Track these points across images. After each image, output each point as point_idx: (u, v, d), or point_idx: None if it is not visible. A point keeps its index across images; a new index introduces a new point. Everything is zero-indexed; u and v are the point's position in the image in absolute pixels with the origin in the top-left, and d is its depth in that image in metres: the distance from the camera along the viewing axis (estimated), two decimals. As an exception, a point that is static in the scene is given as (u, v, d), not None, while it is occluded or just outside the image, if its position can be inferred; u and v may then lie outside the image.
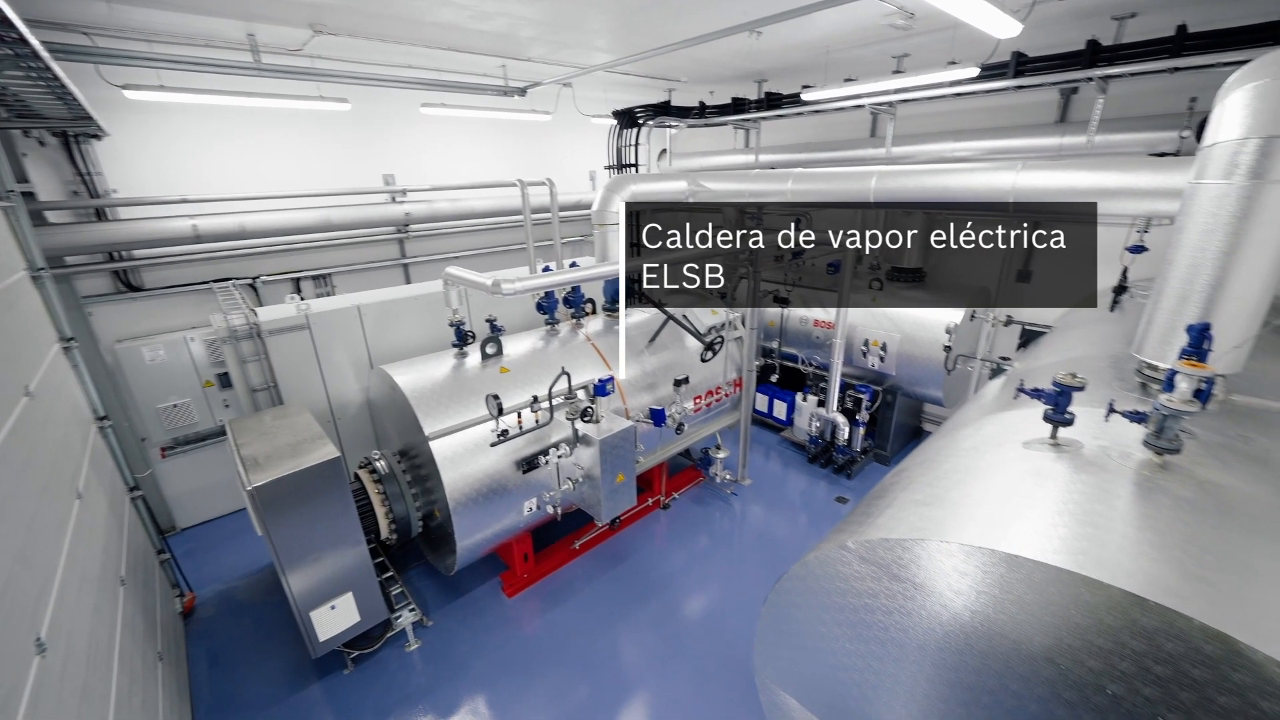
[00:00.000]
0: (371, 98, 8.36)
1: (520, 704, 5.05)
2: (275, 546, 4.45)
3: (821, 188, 5.99)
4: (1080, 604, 1.93)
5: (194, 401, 7.28)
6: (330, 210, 8.11)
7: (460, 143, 10.06)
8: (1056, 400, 2.74)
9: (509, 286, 4.82)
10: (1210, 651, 1.71)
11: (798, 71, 8.80)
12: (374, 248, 9.37)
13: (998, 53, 5.93)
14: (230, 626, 6.02)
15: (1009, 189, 4.47)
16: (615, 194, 6.68)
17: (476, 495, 5.26)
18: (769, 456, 9.26)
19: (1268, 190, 2.79)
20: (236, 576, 6.75)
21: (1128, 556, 2.00)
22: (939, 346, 7.51)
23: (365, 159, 8.98)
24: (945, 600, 2.30)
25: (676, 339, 7.26)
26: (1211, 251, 2.95)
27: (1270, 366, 4.11)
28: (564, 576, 6.58)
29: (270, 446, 4.77)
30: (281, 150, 8.17)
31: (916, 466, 3.33)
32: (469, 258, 10.38)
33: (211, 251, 7.61)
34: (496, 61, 7.82)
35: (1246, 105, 2.79)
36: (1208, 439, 2.82)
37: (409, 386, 5.33)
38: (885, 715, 2.71)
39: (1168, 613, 1.78)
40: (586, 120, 10.22)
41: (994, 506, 2.45)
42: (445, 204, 9.23)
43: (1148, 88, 6.41)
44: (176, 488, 7.51)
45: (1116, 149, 6.40)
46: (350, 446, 6.83)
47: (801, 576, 2.93)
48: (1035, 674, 2.08)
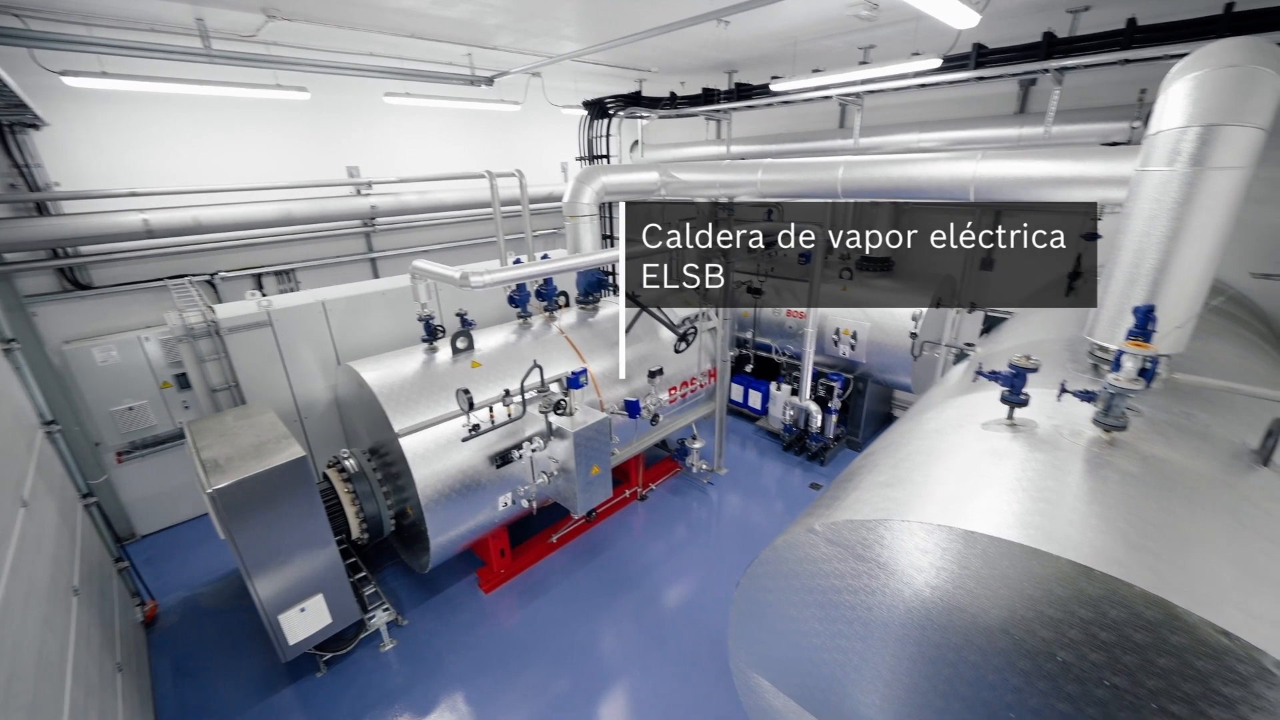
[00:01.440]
0: (332, 87, 8.10)
1: (500, 699, 5.03)
2: (240, 550, 4.33)
3: (790, 178, 6.04)
4: (1031, 576, 2.00)
5: (151, 404, 7.00)
6: (292, 204, 7.85)
7: (428, 134, 9.83)
8: (1012, 382, 2.83)
9: (478, 279, 4.75)
10: (1150, 616, 1.79)
11: (767, 62, 8.84)
12: (340, 242, 9.12)
13: (959, 44, 6.05)
14: (196, 634, 5.84)
15: (970, 178, 4.57)
16: (586, 185, 6.62)
17: (449, 492, 5.19)
18: (745, 446, 9.37)
19: (1207, 176, 2.91)
20: (202, 582, 6.54)
21: (1076, 529, 2.08)
22: (907, 334, 7.68)
23: (328, 150, 8.71)
24: (907, 578, 2.37)
25: (651, 331, 7.27)
26: (1156, 236, 3.07)
27: (1211, 346, 4.33)
28: (542, 571, 6.57)
29: (232, 448, 4.62)
30: (238, 141, 7.87)
31: (882, 450, 3.40)
32: (439, 251, 10.18)
33: (166, 247, 7.29)
34: (462, 50, 7.63)
35: (1187, 95, 2.90)
36: (1153, 416, 2.95)
37: (377, 383, 5.22)
38: (855, 693, 2.78)
39: (1112, 581, 1.86)
40: (557, 111, 10.09)
41: (953, 485, 2.53)
42: (413, 197, 9.02)
43: (1101, 80, 6.63)
44: (135, 493, 7.23)
45: (1072, 139, 6.60)
46: (319, 446, 6.66)
47: (771, 561, 2.98)
48: (992, 645, 2.15)
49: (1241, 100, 2.81)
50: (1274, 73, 2.82)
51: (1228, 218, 2.97)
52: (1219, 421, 3.01)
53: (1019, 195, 4.38)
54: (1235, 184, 2.90)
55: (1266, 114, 2.82)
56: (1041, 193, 4.26)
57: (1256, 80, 2.80)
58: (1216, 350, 4.32)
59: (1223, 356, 4.24)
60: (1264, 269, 6.21)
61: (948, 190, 4.76)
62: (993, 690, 2.20)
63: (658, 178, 6.99)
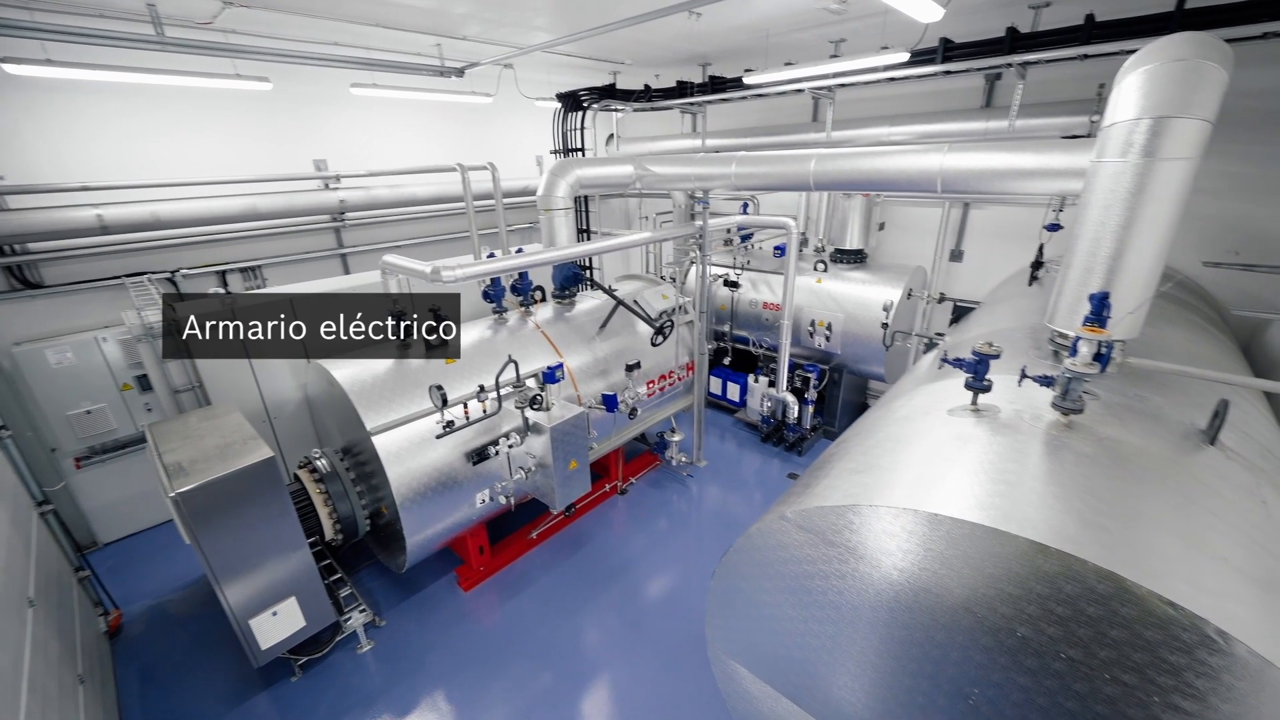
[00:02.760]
0: (296, 77, 7.86)
1: (482, 696, 5.01)
2: (206, 556, 4.21)
3: (764, 170, 6.06)
4: (992, 555, 2.06)
5: (110, 407, 6.74)
6: (257, 198, 7.60)
7: (398, 127, 9.61)
8: (975, 369, 2.90)
9: (449, 274, 4.67)
10: (1102, 590, 1.86)
11: (740, 55, 8.85)
12: (308, 237, 8.89)
13: (926, 38, 6.14)
14: (163, 642, 5.67)
15: (937, 170, 4.65)
16: (560, 178, 6.55)
17: (425, 490, 5.13)
18: (724, 438, 9.44)
19: (1158, 167, 3.01)
20: (169, 590, 6.35)
21: (1034, 509, 2.15)
22: (879, 325, 7.82)
23: (293, 143, 8.46)
24: (876, 561, 2.42)
25: (628, 325, 7.26)
26: (1111, 225, 3.17)
27: (1165, 331, 4.50)
28: (522, 567, 6.54)
29: (196, 450, 4.48)
30: (198, 133, 7.58)
31: (854, 437, 3.47)
32: (413, 247, 10.00)
33: (123, 244, 7.02)
34: (431, 40, 7.47)
35: (1139, 88, 3.00)
36: (1109, 399, 3.06)
37: (348, 381, 5.11)
38: (829, 676, 2.84)
39: (1066, 557, 1.92)
40: (530, 103, 9.96)
41: (919, 470, 2.58)
42: (384, 190, 8.83)
43: (1063, 75, 6.81)
44: (96, 500, 6.97)
45: (1035, 133, 6.78)
46: (289, 446, 6.51)
47: (746, 549, 3.01)
48: (956, 624, 2.22)
49: (1189, 93, 2.91)
50: (1219, 67, 2.93)
51: (1177, 207, 3.08)
52: (1170, 403, 3.14)
53: (983, 187, 4.48)
54: (1184, 174, 3.01)
55: (1212, 107, 2.93)
56: (1005, 185, 4.35)
57: (1203, 74, 2.91)
58: (1169, 335, 4.50)
59: (1175, 341, 4.42)
60: (1214, 258, 6.48)
61: (916, 182, 4.83)
62: (957, 667, 2.27)
63: (633, 171, 6.96)
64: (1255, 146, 6.21)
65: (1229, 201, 6.45)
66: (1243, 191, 6.37)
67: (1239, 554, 2.11)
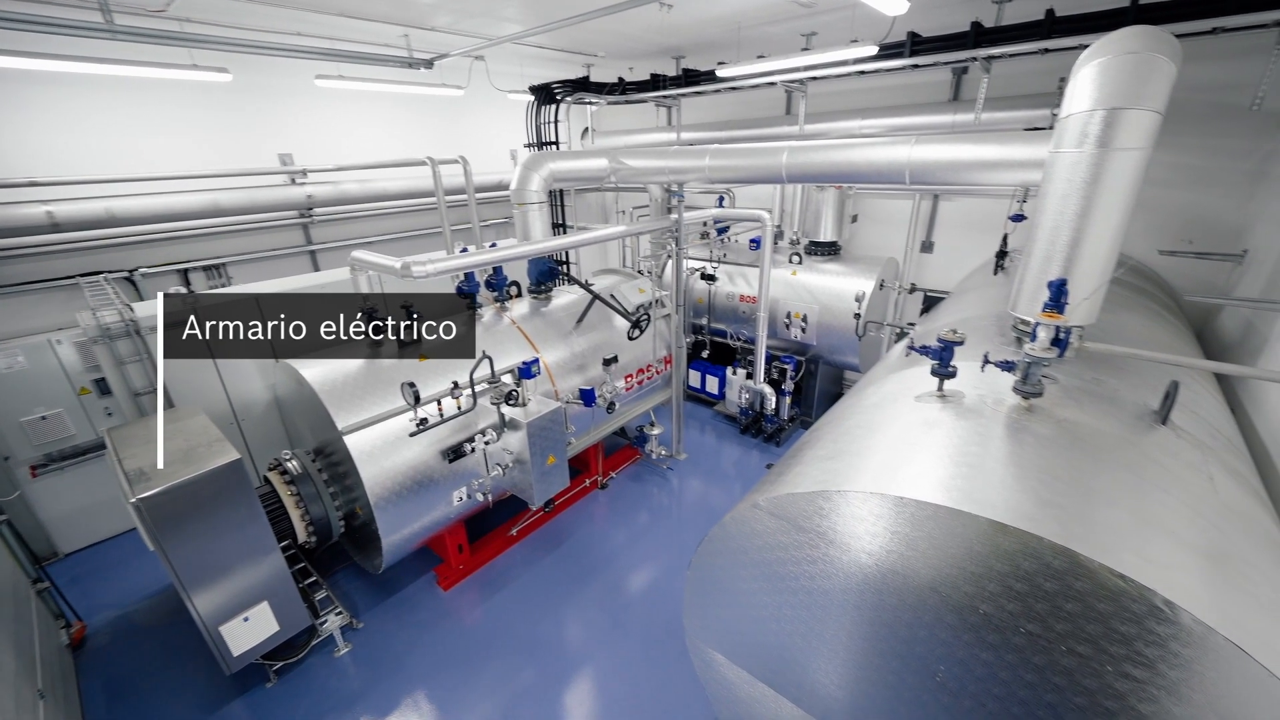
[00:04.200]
0: (257, 68, 7.62)
1: (464, 694, 4.97)
2: (172, 563, 4.09)
3: (737, 163, 6.08)
4: (954, 535, 2.12)
5: (68, 412, 6.47)
6: (219, 193, 7.38)
7: (367, 120, 9.40)
8: (940, 355, 2.96)
9: (420, 269, 4.60)
10: (1057, 565, 1.93)
11: (713, 48, 8.85)
12: (275, 234, 8.65)
13: (894, 32, 6.22)
14: (131, 653, 5.50)
15: (905, 162, 4.72)
16: (534, 172, 6.48)
17: (400, 489, 5.05)
18: (704, 430, 9.51)
19: (1112, 157, 3.10)
20: (135, 599, 6.15)
21: (994, 490, 2.21)
22: (853, 315, 7.93)
23: (257, 137, 8.21)
24: (845, 545, 2.47)
25: (605, 319, 7.24)
26: (1069, 214, 3.25)
27: (1121, 317, 4.66)
28: (502, 564, 6.50)
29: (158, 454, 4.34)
30: (155, 126, 7.31)
31: (826, 426, 3.52)
32: (384, 243, 9.81)
33: (76, 242, 6.72)
34: (398, 30, 7.31)
35: (1093, 80, 3.08)
36: (1067, 383, 3.16)
37: (318, 380, 5.00)
38: (803, 660, 2.89)
39: (1024, 535, 1.99)
40: (504, 97, 9.82)
41: (887, 455, 2.64)
42: (353, 186, 8.63)
43: (1026, 69, 6.96)
44: (55, 509, 6.69)
45: (1001, 125, 6.93)
46: (259, 448, 6.36)
47: (720, 537, 3.04)
48: (922, 603, 2.27)
49: (1140, 85, 3.00)
50: (1168, 60, 3.02)
51: (1131, 196, 3.18)
52: (1126, 386, 3.26)
53: (949, 178, 4.57)
54: (1137, 164, 3.10)
55: (1162, 98, 3.03)
56: (970, 176, 4.44)
57: (1153, 67, 3.00)
58: (1126, 321, 4.66)
59: (1132, 327, 4.58)
60: (1169, 246, 6.72)
61: (885, 174, 4.90)
62: (925, 646, 2.33)
63: (607, 164, 6.92)
64: (1206, 139, 6.45)
65: (1182, 192, 6.70)
66: (1195, 183, 6.62)
67: (1186, 528, 2.21)
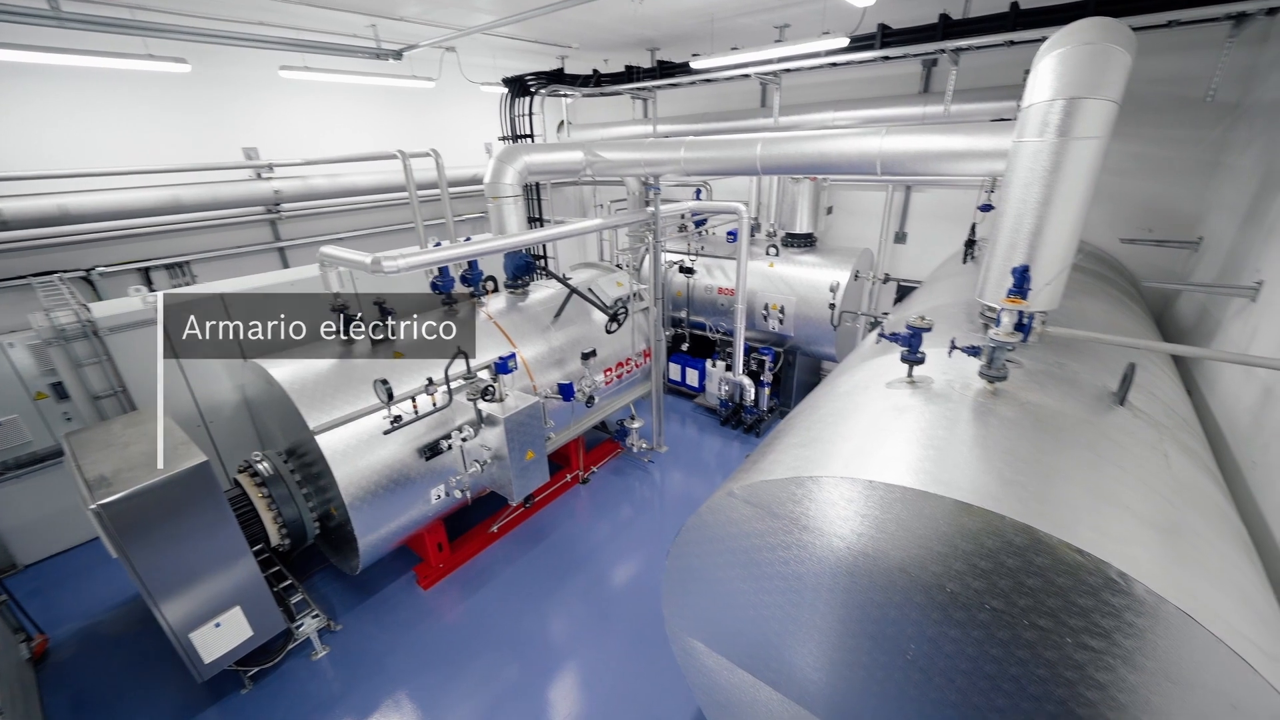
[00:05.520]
0: (218, 59, 7.36)
1: (447, 693, 4.93)
2: (137, 570, 3.96)
3: (712, 155, 6.10)
4: (922, 517, 2.16)
5: (23, 418, 6.21)
6: (180, 189, 7.13)
7: (335, 113, 9.17)
8: (910, 342, 3.01)
9: (390, 264, 4.51)
10: (1019, 542, 1.98)
11: (687, 40, 8.84)
12: (242, 231, 8.40)
13: (864, 24, 6.27)
14: (97, 665, 5.33)
15: (876, 153, 4.79)
16: (508, 165, 6.40)
17: (376, 488, 4.97)
18: (685, 423, 9.54)
19: (1072, 145, 3.18)
20: (101, 610, 5.96)
21: (960, 472, 2.26)
22: (828, 306, 8.03)
23: (219, 130, 7.95)
24: (818, 530, 2.50)
25: (583, 313, 7.20)
26: (1031, 202, 3.33)
27: (1084, 303, 4.80)
28: (483, 562, 6.45)
29: (120, 459, 4.19)
30: (111, 120, 7.02)
31: (800, 414, 3.56)
32: (357, 238, 9.61)
33: (28, 240, 6.45)
34: (365, 20, 7.13)
35: (1053, 70, 3.15)
36: (1031, 367, 3.24)
37: (288, 379, 4.89)
38: (780, 644, 2.93)
39: (987, 514, 2.04)
40: (477, 89, 9.67)
41: (858, 441, 2.68)
42: (322, 180, 8.42)
43: (993, 61, 7.09)
44: (12, 520, 6.43)
45: (970, 117, 7.05)
46: (229, 450, 6.19)
47: (698, 527, 3.06)
48: (892, 584, 2.32)
49: (1098, 75, 3.08)
50: (1124, 50, 3.10)
51: (1090, 183, 3.26)
52: (1086, 369, 3.36)
53: (919, 169, 4.64)
54: (1095, 152, 3.19)
55: (1118, 88, 3.11)
56: (939, 166, 4.52)
57: (1109, 57, 3.08)
58: (1089, 307, 4.80)
59: (1094, 312, 4.72)
60: (1130, 235, 6.93)
61: (857, 165, 4.96)
62: (895, 626, 2.38)
63: (583, 157, 6.87)
64: (1164, 130, 6.66)
65: (1142, 182, 6.90)
66: (1154, 172, 6.82)
67: (1141, 503, 2.29)
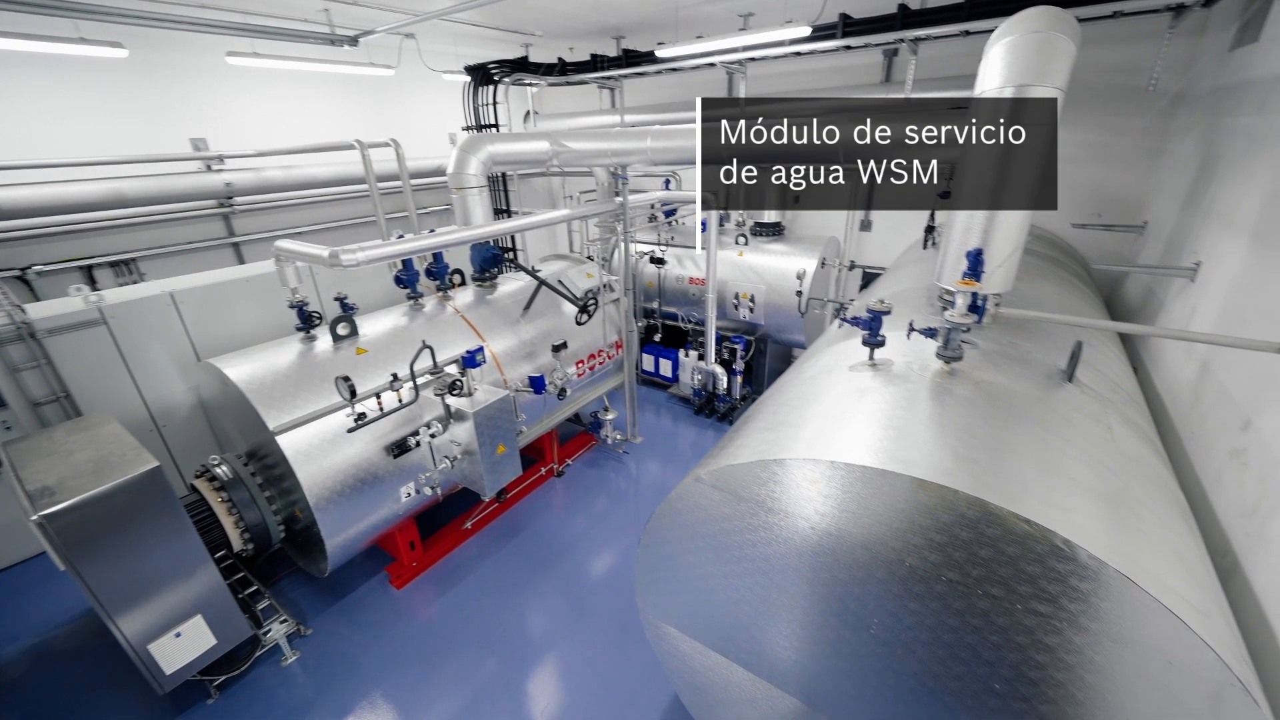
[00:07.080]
0: (157, 44, 6.99)
1: (424, 692, 4.88)
2: (87, 583, 3.79)
3: (679, 144, 6.08)
4: (881, 495, 2.22)
5: (-43, 428, 5.85)
6: (123, 182, 6.76)
7: (291, 102, 8.81)
8: (870, 325, 3.08)
9: (349, 257, 4.38)
10: (971, 515, 2.06)
11: (652, 28, 8.77)
12: (192, 226, 8.04)
13: (825, 13, 6.33)
14: (51, 682, 5.09)
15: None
16: (471, 155, 6.26)
17: (342, 488, 4.85)
18: (659, 413, 9.58)
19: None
20: (53, 625, 5.69)
21: (917, 449, 2.33)
22: (796, 294, 8.14)
23: (163, 120, 7.56)
24: (784, 511, 2.55)
25: (553, 305, 7.14)
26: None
27: (1037, 286, 4.98)
28: (458, 559, 6.38)
29: (65, 468, 3.98)
30: (44, 109, 6.60)
31: (767, 399, 3.61)
32: (316, 232, 9.30)
33: (-47, 239, 6.06)
34: (318, 4, 6.85)
35: (1002, 59, 3.25)
36: (986, 347, 3.35)
37: (244, 379, 4.71)
38: (750, 626, 2.98)
39: (942, 489, 2.11)
40: (439, 78, 9.43)
41: (821, 424, 2.73)
42: (277, 173, 8.10)
43: (951, 51, 7.25)
44: (-51, 536, 6.08)
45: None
46: (185, 455, 5.96)
47: (667, 514, 3.08)
48: (855, 562, 2.38)
49: (1044, 63, 3.18)
50: (1068, 40, 3.21)
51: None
52: (1038, 348, 3.49)
53: (880, 156, 4.72)
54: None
55: (1064, 76, 3.21)
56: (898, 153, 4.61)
57: (1055, 46, 3.18)
58: (1041, 289, 4.99)
59: (1046, 294, 4.90)
60: (1081, 220, 7.22)
61: (819, 152, 5.01)
62: (859, 602, 2.45)
63: (548, 147, 6.76)
64: (1111, 118, 6.93)
65: (1092, 169, 7.18)
66: (1102, 160, 7.11)
67: (1087, 474, 2.39)
